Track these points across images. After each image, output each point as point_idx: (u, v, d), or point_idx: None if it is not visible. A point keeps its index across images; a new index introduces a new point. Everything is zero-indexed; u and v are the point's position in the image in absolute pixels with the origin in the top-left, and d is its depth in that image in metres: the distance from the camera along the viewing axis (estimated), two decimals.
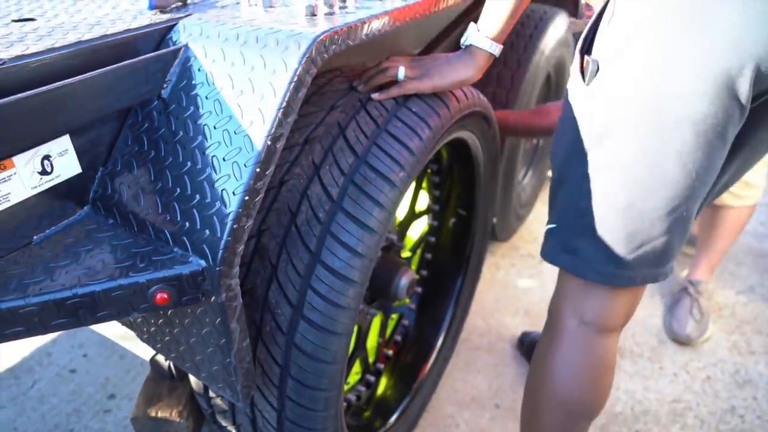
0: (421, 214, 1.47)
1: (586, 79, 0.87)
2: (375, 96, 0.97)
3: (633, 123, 0.81)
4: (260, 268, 0.90)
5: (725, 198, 1.85)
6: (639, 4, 0.80)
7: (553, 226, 0.96)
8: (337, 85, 1.01)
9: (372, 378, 1.45)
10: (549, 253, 0.97)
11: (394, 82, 0.99)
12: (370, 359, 1.46)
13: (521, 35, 1.80)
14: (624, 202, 0.85)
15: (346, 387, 1.40)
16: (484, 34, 0.97)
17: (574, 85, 0.92)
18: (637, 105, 0.81)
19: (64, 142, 0.77)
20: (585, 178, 0.88)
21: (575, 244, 0.92)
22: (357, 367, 1.43)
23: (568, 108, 0.92)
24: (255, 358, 0.94)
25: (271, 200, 0.91)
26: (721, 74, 0.75)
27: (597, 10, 0.91)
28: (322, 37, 0.75)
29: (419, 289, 1.58)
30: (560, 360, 0.99)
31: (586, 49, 0.90)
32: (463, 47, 1.00)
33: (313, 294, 0.87)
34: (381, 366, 1.50)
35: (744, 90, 0.76)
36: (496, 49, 0.98)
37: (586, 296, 0.95)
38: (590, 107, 0.87)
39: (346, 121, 0.95)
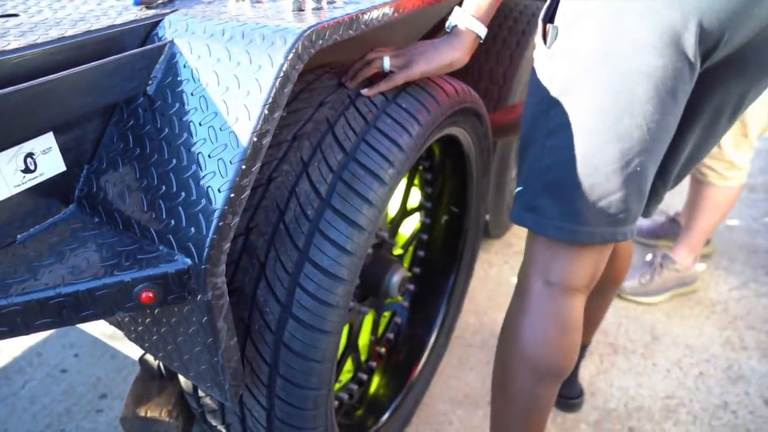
0: (413, 211, 1.46)
1: (547, 42, 0.91)
2: (364, 92, 0.96)
3: (589, 78, 0.85)
4: (248, 266, 0.89)
5: (710, 176, 1.90)
6: None
7: (520, 188, 0.98)
8: (326, 81, 1.00)
9: (364, 376, 1.45)
10: (514, 213, 0.99)
11: (382, 74, 0.98)
12: (362, 357, 1.46)
13: (513, 31, 1.80)
14: (580, 156, 0.88)
15: (338, 385, 1.40)
16: (469, 14, 0.97)
17: (537, 52, 0.95)
18: (591, 60, 0.85)
19: (48, 140, 0.76)
20: (547, 137, 0.91)
21: (537, 202, 0.94)
22: (349, 365, 1.43)
23: (533, 74, 0.95)
24: (244, 356, 0.93)
25: (260, 197, 0.90)
26: (667, 28, 0.79)
27: None
28: (308, 32, 0.74)
29: (412, 287, 1.57)
30: (527, 322, 1.01)
31: (549, 18, 0.93)
32: (449, 30, 1.00)
33: (302, 292, 0.87)
34: (373, 364, 1.49)
35: (690, 45, 0.80)
36: (482, 29, 0.98)
37: (551, 257, 0.97)
38: (551, 68, 0.90)
39: (334, 117, 0.94)
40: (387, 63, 0.97)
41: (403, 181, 1.39)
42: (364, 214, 0.89)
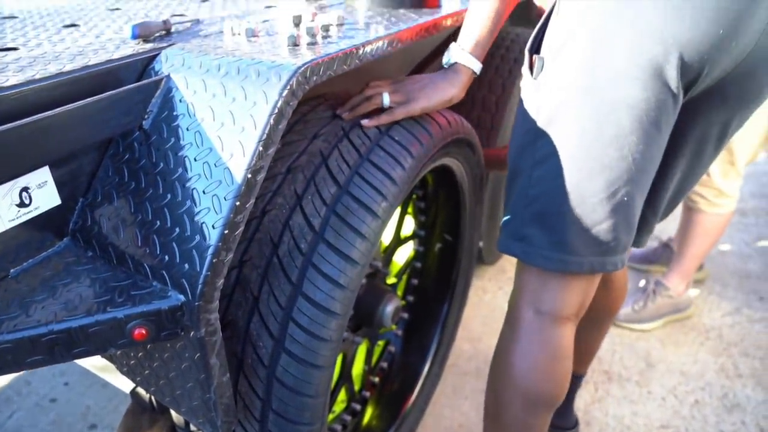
0: (406, 239, 1.46)
1: (534, 73, 0.93)
2: (365, 123, 0.97)
3: (574, 109, 0.87)
4: (242, 300, 0.89)
5: (700, 203, 1.92)
6: (579, 1, 0.86)
7: (507, 217, 0.99)
8: (320, 113, 1.01)
9: (358, 406, 1.43)
10: (501, 243, 1.00)
11: (380, 109, 0.99)
12: (356, 387, 1.44)
13: (506, 59, 1.82)
14: (567, 186, 0.89)
15: (331, 416, 1.38)
16: (467, 51, 0.99)
17: (524, 82, 0.96)
18: (577, 91, 0.86)
19: (44, 174, 0.76)
20: (534, 166, 0.92)
21: (525, 232, 0.95)
22: (342, 396, 1.41)
23: (520, 104, 0.97)
24: (236, 391, 0.92)
25: (253, 230, 0.90)
26: (649, 61, 0.81)
27: (544, 15, 0.96)
28: (303, 68, 0.75)
29: (405, 315, 1.57)
30: (518, 351, 1.01)
31: (535, 49, 0.95)
32: (446, 66, 1.02)
33: (295, 326, 0.86)
34: (367, 394, 1.48)
35: (672, 77, 0.82)
36: (478, 66, 1.01)
37: (540, 286, 0.98)
38: (537, 99, 0.92)
39: (328, 150, 0.95)
40: (387, 99, 0.98)
41: (397, 210, 1.39)
42: (357, 247, 0.89)
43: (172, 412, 1.05)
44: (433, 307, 1.55)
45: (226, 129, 0.74)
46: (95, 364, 1.17)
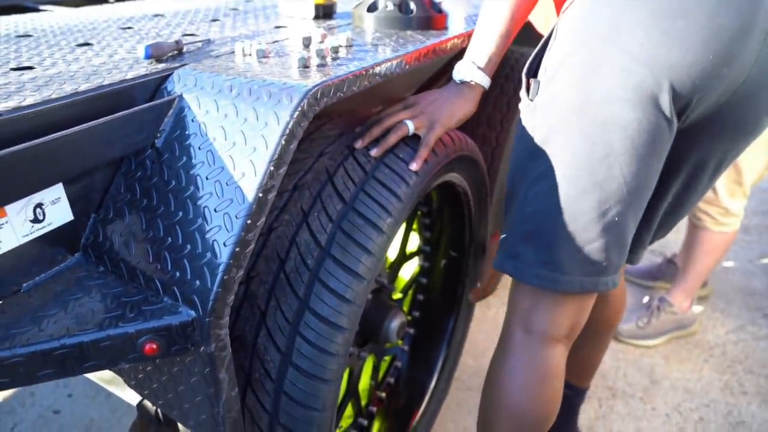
0: (412, 255, 1.47)
1: (530, 95, 0.94)
2: (414, 166, 0.98)
3: (567, 129, 0.88)
4: (249, 315, 0.90)
5: (705, 220, 1.94)
6: (574, 26, 0.89)
7: (504, 235, 1.00)
8: (326, 132, 1.03)
9: (365, 422, 1.43)
10: (497, 261, 1.01)
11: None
12: (363, 402, 1.45)
13: (510, 78, 1.84)
14: (560, 205, 0.90)
15: (338, 431, 1.38)
16: (477, 66, 1.01)
17: (522, 105, 0.98)
18: (570, 111, 0.88)
19: (57, 191, 0.77)
20: (530, 185, 0.93)
21: (519, 250, 0.96)
22: (349, 411, 1.41)
23: (518, 125, 0.98)
24: (244, 405, 0.93)
25: (260, 247, 0.92)
26: (639, 84, 0.83)
27: (542, 40, 0.97)
28: (313, 90, 0.77)
29: (411, 330, 1.57)
30: (508, 372, 1.01)
31: (532, 73, 0.96)
32: (459, 81, 1.03)
33: (302, 341, 0.87)
34: (374, 409, 1.48)
35: (665, 102, 0.84)
36: (488, 82, 1.04)
37: (532, 306, 0.98)
38: (533, 120, 0.94)
39: (334, 167, 0.96)
40: (411, 127, 1.00)
41: (403, 226, 1.41)
42: (363, 263, 0.90)
43: (179, 426, 1.05)
44: (439, 322, 1.56)
45: (237, 149, 0.76)
46: (100, 376, 1.17)
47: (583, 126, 0.87)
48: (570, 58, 0.88)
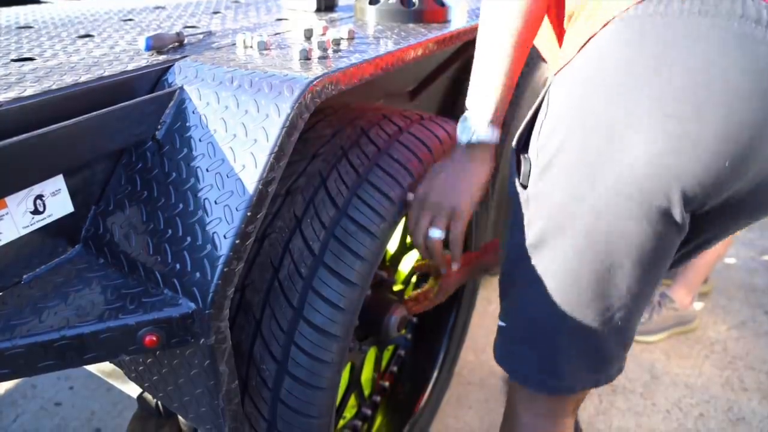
0: (412, 246, 1.47)
1: (521, 178, 0.85)
2: (453, 269, 0.98)
3: (565, 234, 0.80)
4: (245, 323, 0.90)
5: None
6: (570, 105, 0.78)
7: (503, 324, 0.94)
8: (320, 131, 1.02)
9: (368, 411, 1.43)
10: (497, 354, 0.97)
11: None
12: (366, 392, 1.45)
13: None
14: (561, 313, 0.83)
15: (342, 422, 1.38)
16: (488, 121, 0.87)
17: (514, 183, 0.88)
18: (566, 215, 0.79)
19: (58, 182, 0.77)
20: (526, 285, 0.86)
21: (516, 350, 0.91)
22: (352, 401, 1.42)
23: (513, 208, 0.89)
24: (243, 408, 0.93)
25: (254, 254, 0.91)
26: (645, 199, 0.73)
27: (533, 106, 0.87)
28: (315, 82, 0.76)
29: (414, 319, 1.56)
30: None
31: (522, 145, 0.87)
32: (465, 144, 0.91)
33: (297, 350, 0.88)
34: (377, 399, 1.48)
35: (676, 213, 0.74)
36: (500, 134, 0.90)
37: (536, 395, 0.94)
38: (527, 213, 0.85)
39: (327, 170, 0.95)
40: (438, 233, 0.93)
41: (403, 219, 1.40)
42: (356, 270, 0.89)
43: (179, 418, 1.05)
44: (441, 311, 1.56)
45: (238, 140, 0.75)
46: (101, 368, 1.18)
47: (581, 234, 0.78)
48: (564, 154, 0.77)
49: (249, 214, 0.71)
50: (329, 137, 1.00)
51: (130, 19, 1.26)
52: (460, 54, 1.50)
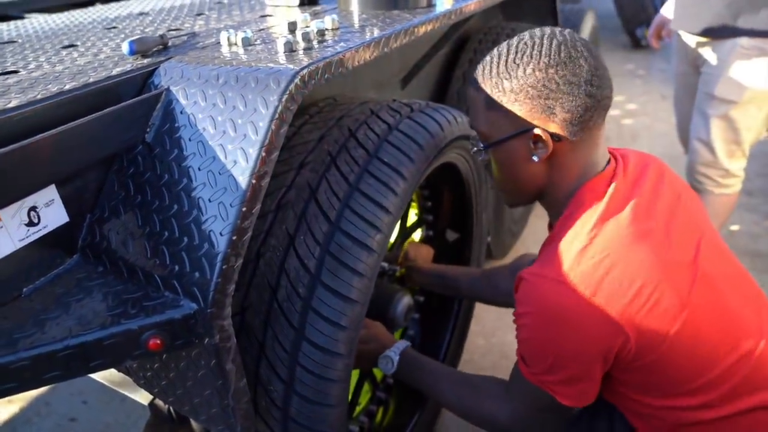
0: (412, 230, 1.46)
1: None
2: None
3: None
4: (248, 346, 0.90)
5: (706, 184, 1.91)
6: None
7: None
8: (305, 136, 0.99)
9: (383, 395, 1.42)
10: None
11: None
12: (379, 376, 1.44)
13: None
14: None
15: (357, 408, 1.38)
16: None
17: None
18: None
19: (51, 192, 0.77)
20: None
21: None
22: (367, 387, 1.41)
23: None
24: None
25: (250, 275, 0.90)
26: None
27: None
28: (301, 73, 0.75)
29: (421, 299, 1.55)
30: None
31: None
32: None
33: (303, 370, 0.87)
34: (390, 381, 1.47)
35: None
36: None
37: None
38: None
39: (316, 181, 0.92)
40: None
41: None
42: (354, 287, 0.88)
43: (192, 422, 1.05)
44: (444, 303, 1.55)
45: (228, 137, 0.75)
46: (112, 379, 1.18)
47: None
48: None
49: (244, 209, 0.71)
50: (315, 143, 0.97)
51: (114, 27, 1.25)
52: (448, 37, 1.49)
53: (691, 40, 1.81)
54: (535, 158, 0.86)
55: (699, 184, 1.93)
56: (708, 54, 1.75)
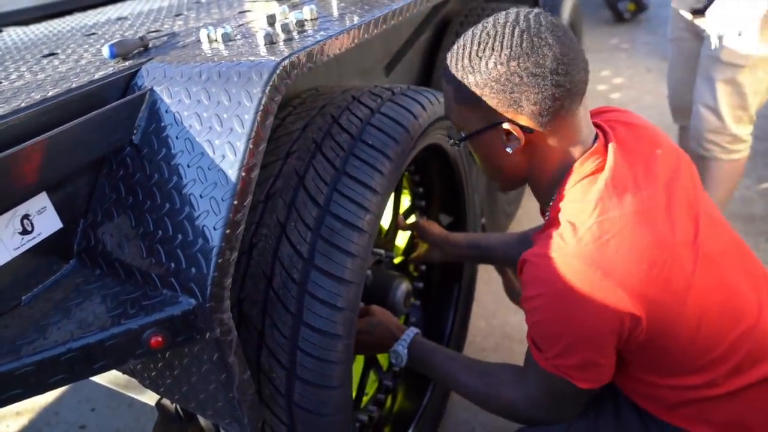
0: (406, 216, 1.46)
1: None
2: None
3: None
4: (248, 336, 0.90)
5: (715, 150, 1.87)
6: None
7: None
8: (289, 126, 1.00)
9: (389, 383, 1.44)
10: None
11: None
12: (384, 365, 1.45)
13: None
14: None
15: (365, 398, 1.39)
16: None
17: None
18: None
19: (42, 200, 0.77)
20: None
21: None
22: (373, 376, 1.42)
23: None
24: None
25: (245, 266, 0.91)
26: None
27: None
28: (282, 64, 0.76)
29: (421, 285, 1.56)
30: None
31: None
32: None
33: (303, 354, 0.88)
34: (397, 369, 1.48)
35: None
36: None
37: None
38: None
39: (303, 168, 0.93)
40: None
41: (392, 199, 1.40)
42: (348, 267, 0.89)
43: (200, 418, 1.06)
44: (444, 286, 1.56)
45: (214, 132, 0.75)
46: (118, 383, 1.18)
47: None
48: None
49: (235, 202, 0.71)
50: (300, 131, 0.98)
51: (93, 33, 1.25)
52: (429, 20, 1.49)
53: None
54: (509, 150, 0.86)
55: (707, 151, 1.89)
56: (712, 18, 1.73)
